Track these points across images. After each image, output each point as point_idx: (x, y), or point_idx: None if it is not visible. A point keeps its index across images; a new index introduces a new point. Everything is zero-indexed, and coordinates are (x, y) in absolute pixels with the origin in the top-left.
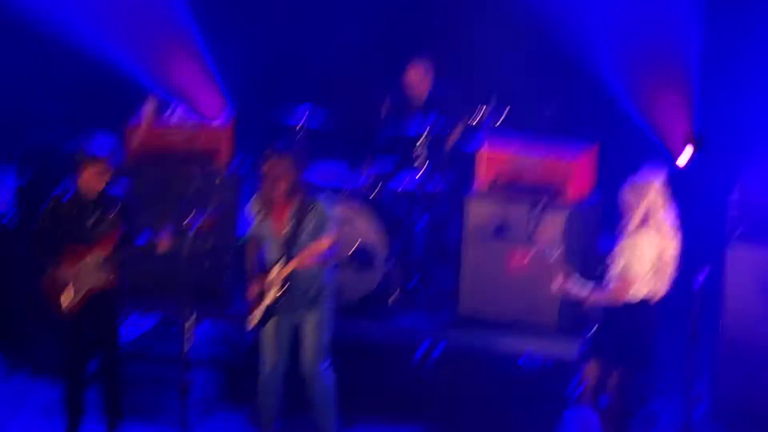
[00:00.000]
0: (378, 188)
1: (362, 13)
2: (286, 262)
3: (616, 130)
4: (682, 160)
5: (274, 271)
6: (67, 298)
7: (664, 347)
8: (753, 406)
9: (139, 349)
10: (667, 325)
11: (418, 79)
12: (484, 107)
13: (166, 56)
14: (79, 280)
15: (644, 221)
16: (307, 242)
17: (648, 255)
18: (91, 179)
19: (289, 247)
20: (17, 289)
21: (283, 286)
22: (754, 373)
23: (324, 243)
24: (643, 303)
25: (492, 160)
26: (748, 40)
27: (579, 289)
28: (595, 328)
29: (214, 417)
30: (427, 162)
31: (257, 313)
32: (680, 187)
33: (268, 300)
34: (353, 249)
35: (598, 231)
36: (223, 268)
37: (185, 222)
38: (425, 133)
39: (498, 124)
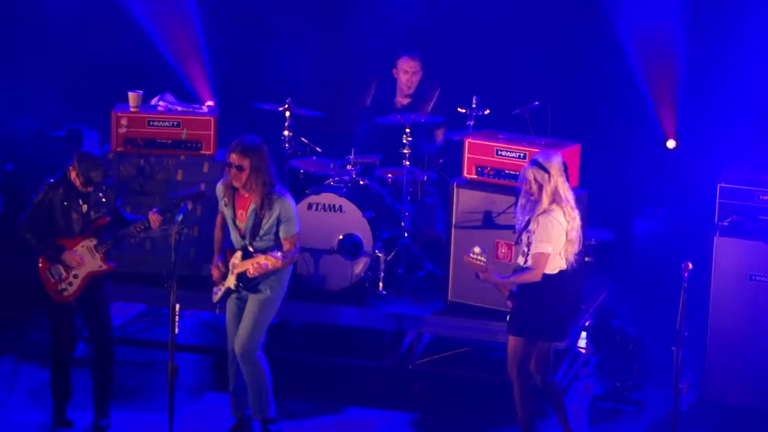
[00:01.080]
0: (365, 177)
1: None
2: (243, 256)
3: (598, 130)
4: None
5: (234, 259)
6: (68, 285)
7: (652, 336)
8: (740, 395)
9: (127, 333)
10: (654, 313)
11: (411, 70)
12: (472, 101)
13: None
14: (78, 266)
15: (554, 198)
16: (264, 238)
17: (563, 230)
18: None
19: (249, 239)
20: (3, 273)
21: (238, 281)
22: (741, 363)
23: (277, 261)
24: (559, 274)
25: (479, 149)
26: (736, 27)
27: (500, 277)
28: (512, 304)
29: (201, 401)
30: (413, 152)
31: (219, 292)
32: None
33: (227, 283)
34: (340, 237)
35: (584, 221)
36: (210, 254)
37: (173, 209)
38: (411, 123)
39: (485, 113)
